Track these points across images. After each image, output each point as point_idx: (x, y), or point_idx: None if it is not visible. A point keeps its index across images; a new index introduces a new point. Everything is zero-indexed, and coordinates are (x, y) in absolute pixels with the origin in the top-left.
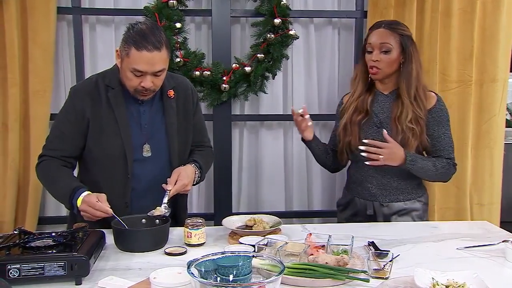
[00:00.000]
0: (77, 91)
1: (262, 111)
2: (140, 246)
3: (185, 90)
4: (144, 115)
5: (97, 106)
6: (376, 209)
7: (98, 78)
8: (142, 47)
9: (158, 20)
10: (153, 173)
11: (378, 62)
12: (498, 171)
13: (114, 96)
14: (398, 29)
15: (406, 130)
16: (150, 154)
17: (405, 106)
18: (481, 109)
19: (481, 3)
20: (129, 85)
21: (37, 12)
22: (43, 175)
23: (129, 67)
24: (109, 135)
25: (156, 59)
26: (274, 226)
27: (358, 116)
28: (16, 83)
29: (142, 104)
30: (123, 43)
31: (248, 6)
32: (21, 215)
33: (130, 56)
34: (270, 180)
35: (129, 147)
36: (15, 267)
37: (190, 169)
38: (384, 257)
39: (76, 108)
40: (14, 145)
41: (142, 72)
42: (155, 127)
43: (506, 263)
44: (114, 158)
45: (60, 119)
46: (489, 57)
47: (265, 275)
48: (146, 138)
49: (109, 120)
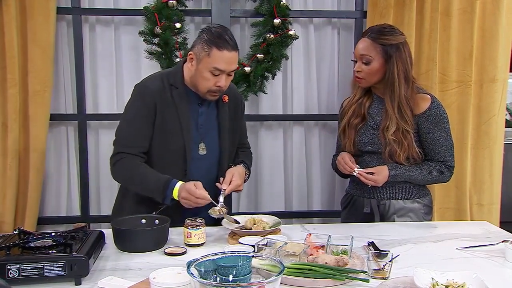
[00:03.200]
0: (146, 87)
1: (262, 111)
2: (140, 246)
3: (235, 96)
4: (202, 116)
5: (164, 104)
6: (373, 207)
7: (162, 76)
8: (223, 47)
9: (158, 20)
10: (205, 171)
11: (359, 73)
12: (498, 171)
13: (178, 96)
14: (382, 39)
15: (392, 142)
16: (205, 153)
17: (389, 117)
18: (481, 109)
19: (481, 3)
20: (204, 86)
21: (36, 12)
22: (127, 172)
23: (209, 67)
24: (172, 132)
25: (234, 58)
26: (274, 226)
27: (355, 120)
28: (16, 83)
29: (200, 105)
30: (202, 45)
31: (247, 6)
32: (20, 215)
33: (211, 56)
34: (269, 180)
35: (189, 145)
36: (15, 267)
37: (242, 170)
38: (384, 257)
39: (146, 104)
40: (14, 145)
41: (221, 71)
42: (209, 128)
43: (506, 263)
44: (175, 155)
45: (132, 116)
46: (488, 57)
47: (265, 275)
48: (201, 137)
49: (172, 118)
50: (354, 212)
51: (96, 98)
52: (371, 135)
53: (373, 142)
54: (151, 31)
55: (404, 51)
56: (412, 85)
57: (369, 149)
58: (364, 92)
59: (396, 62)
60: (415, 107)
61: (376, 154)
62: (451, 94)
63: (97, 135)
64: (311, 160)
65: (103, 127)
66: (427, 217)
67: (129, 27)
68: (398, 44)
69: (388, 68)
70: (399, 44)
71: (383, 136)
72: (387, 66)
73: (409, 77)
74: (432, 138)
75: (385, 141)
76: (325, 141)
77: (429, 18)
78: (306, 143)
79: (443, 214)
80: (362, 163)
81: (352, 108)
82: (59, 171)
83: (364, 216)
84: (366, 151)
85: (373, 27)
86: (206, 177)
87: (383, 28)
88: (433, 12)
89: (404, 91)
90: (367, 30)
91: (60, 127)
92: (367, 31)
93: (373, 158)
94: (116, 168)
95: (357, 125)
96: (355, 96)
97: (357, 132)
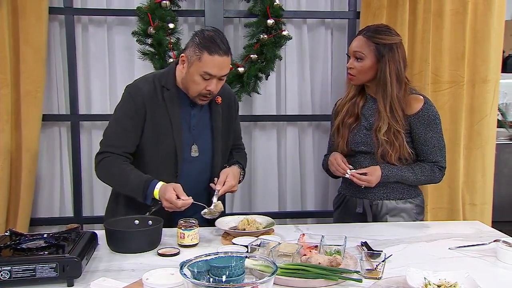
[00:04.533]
0: (136, 88)
1: (256, 111)
2: (133, 247)
3: (229, 97)
4: (194, 117)
5: (154, 105)
6: (365, 207)
7: (154, 78)
8: (215, 52)
9: (151, 20)
10: (197, 173)
11: (351, 69)
12: (490, 171)
13: (169, 97)
14: (376, 38)
15: (384, 143)
16: (197, 155)
17: (382, 117)
18: (473, 109)
19: (473, 4)
20: (195, 89)
21: (28, 12)
22: (109, 171)
23: (200, 71)
24: (162, 134)
25: (225, 63)
26: (267, 226)
27: (349, 119)
28: (8, 84)
29: (192, 107)
30: (193, 48)
31: (241, 6)
32: (12, 216)
33: (202, 60)
34: (263, 181)
35: (180, 147)
36: (6, 269)
37: (236, 170)
38: (377, 257)
39: (136, 105)
40: (6, 146)
41: (212, 75)
42: (202, 129)
43: (498, 262)
44: (165, 157)
45: (120, 116)
46: (480, 57)
47: (258, 276)
48: (193, 139)
49: (163, 120)
50: (347, 212)
51: (89, 99)
52: (364, 135)
53: (366, 142)
54: (144, 31)
55: (398, 52)
56: (405, 87)
57: (362, 149)
58: (358, 91)
59: (388, 62)
60: (408, 107)
61: (369, 154)
62: (444, 95)
63: (90, 135)
64: (305, 161)
65: (96, 127)
66: (419, 217)
67: (122, 27)
68: (391, 44)
69: (380, 67)
70: (392, 45)
71: (376, 137)
72: (379, 65)
73: (401, 78)
74: (424, 139)
75: (378, 141)
76: (318, 141)
77: (422, 19)
78: (300, 143)
79: (436, 214)
80: (355, 163)
81: (346, 107)
82: (51, 172)
83: (357, 216)
84: (359, 151)
85: (370, 26)
86: (198, 179)
87: (379, 27)
88: (425, 12)
89: (396, 91)
90: (364, 28)
91: (52, 128)
92: (364, 29)
93: (365, 158)
94: (99, 168)
95: (351, 125)
96: (349, 94)
97: (351, 132)
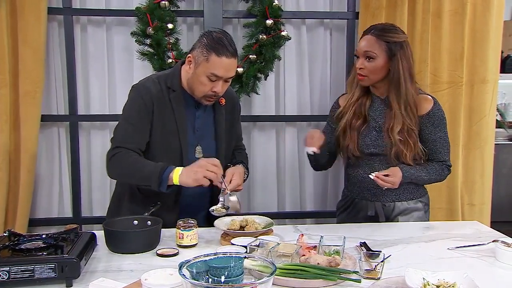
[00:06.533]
0: (144, 87)
1: (255, 112)
2: (132, 247)
3: (232, 99)
4: (198, 119)
5: (162, 106)
6: (377, 210)
7: (159, 79)
8: (222, 54)
9: (150, 21)
10: None
11: (362, 70)
12: (489, 171)
13: (175, 98)
14: (386, 36)
15: (398, 143)
16: (201, 156)
17: (396, 117)
18: (472, 110)
19: (471, 4)
20: (201, 90)
21: (27, 12)
22: (123, 162)
23: (207, 72)
24: (168, 135)
25: (232, 65)
26: (266, 227)
27: (357, 121)
28: (6, 84)
29: (197, 108)
30: (201, 49)
31: (240, 7)
32: (11, 216)
33: (209, 61)
34: (262, 181)
35: (186, 148)
36: (5, 269)
37: (241, 169)
38: (376, 258)
39: (145, 103)
40: (5, 146)
41: (218, 77)
42: (206, 131)
43: (496, 262)
44: (172, 157)
45: (130, 114)
46: (479, 58)
47: (257, 276)
48: (198, 140)
49: (170, 121)
50: (356, 215)
51: (88, 99)
52: (374, 137)
53: (377, 144)
54: (143, 31)
55: (408, 49)
56: (415, 85)
57: (372, 151)
58: (363, 93)
59: (401, 59)
60: (419, 107)
61: (379, 156)
62: (443, 95)
63: (88, 136)
64: (304, 161)
65: (95, 128)
66: (427, 215)
67: (121, 27)
68: (401, 42)
69: (392, 65)
70: (402, 42)
71: (388, 137)
72: (391, 63)
73: (413, 75)
74: (434, 139)
75: (391, 142)
76: None
77: (421, 19)
78: (299, 143)
79: (435, 214)
80: (366, 165)
81: (352, 109)
82: (50, 172)
83: (367, 220)
84: (369, 153)
85: (376, 25)
86: None
87: (386, 26)
88: (424, 13)
89: (410, 89)
90: (370, 27)
91: (51, 128)
92: (370, 28)
93: (376, 160)
94: (112, 162)
95: (360, 127)
96: (353, 96)
97: (360, 134)
